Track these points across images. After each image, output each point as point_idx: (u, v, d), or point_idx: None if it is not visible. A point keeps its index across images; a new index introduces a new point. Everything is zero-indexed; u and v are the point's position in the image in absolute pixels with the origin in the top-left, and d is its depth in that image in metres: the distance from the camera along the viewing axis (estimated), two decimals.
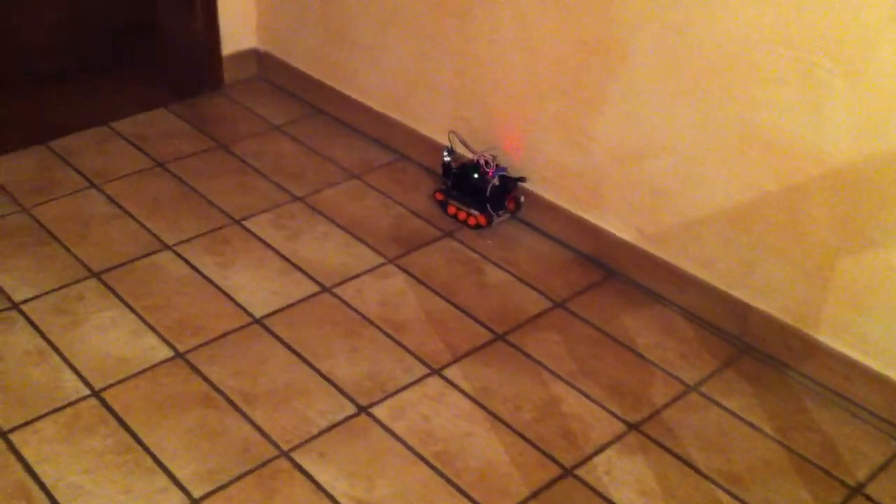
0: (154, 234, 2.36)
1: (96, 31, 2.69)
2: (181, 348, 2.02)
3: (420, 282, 2.26)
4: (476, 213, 2.42)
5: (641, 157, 2.15)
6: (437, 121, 2.59)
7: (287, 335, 2.08)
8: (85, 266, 2.24)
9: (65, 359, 1.98)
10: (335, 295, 2.20)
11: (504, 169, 2.43)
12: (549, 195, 2.39)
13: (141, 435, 1.82)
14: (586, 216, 2.32)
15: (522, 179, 2.43)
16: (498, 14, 2.30)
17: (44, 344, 2.01)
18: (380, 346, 2.07)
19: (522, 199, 2.45)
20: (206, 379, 1.95)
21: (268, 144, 2.75)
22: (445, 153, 2.51)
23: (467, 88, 2.47)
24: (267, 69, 3.04)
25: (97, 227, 2.37)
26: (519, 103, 2.36)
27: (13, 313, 2.09)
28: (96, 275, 2.21)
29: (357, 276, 2.27)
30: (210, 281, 2.22)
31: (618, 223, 2.27)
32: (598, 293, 2.25)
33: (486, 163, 2.41)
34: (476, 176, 2.41)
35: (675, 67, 2.01)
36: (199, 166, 2.63)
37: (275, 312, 2.14)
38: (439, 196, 2.51)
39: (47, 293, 2.15)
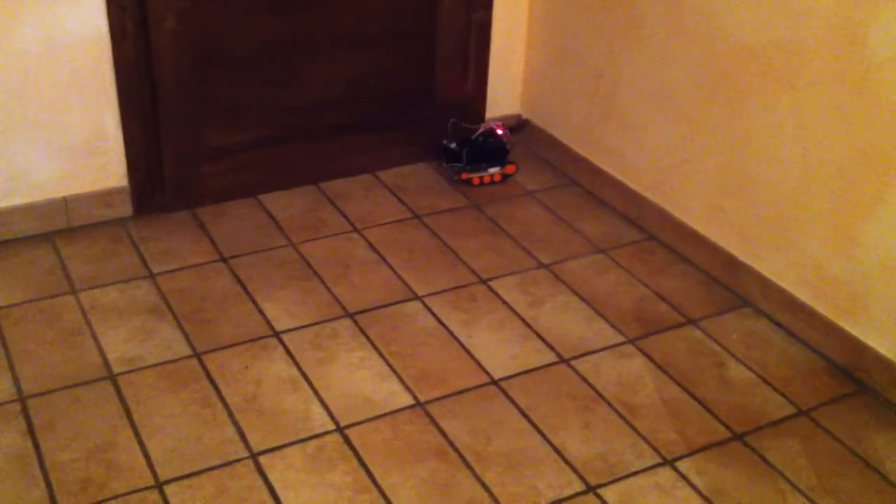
0: (406, 283, 2.46)
1: (379, 92, 2.88)
2: (422, 398, 2.10)
3: (659, 367, 2.23)
4: (497, 169, 2.90)
5: None
6: (692, 206, 2.57)
7: (523, 401, 2.11)
8: (341, 305, 2.37)
9: (315, 391, 2.10)
10: (572, 367, 2.22)
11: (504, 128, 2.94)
12: (805, 297, 2.30)
13: (377, 477, 1.90)
14: (844, 325, 2.22)
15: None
16: (774, 109, 2.26)
17: (297, 374, 2.15)
18: (612, 426, 2.06)
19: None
20: (442, 432, 2.01)
21: (519, 209, 2.82)
22: (445, 141, 2.92)
23: (730, 178, 2.43)
24: (526, 135, 3.13)
25: (355, 269, 2.51)
26: (784, 199, 2.30)
27: (273, 341, 2.24)
28: (350, 315, 2.34)
29: (595, 351, 2.27)
30: (454, 336, 2.29)
31: (879, 336, 2.15)
32: (848, 407, 2.14)
33: (493, 129, 2.90)
34: (490, 140, 2.89)
35: None
36: (452, 223, 2.74)
37: (512, 376, 2.18)
38: (464, 176, 2.90)
39: (305, 326, 2.29)
